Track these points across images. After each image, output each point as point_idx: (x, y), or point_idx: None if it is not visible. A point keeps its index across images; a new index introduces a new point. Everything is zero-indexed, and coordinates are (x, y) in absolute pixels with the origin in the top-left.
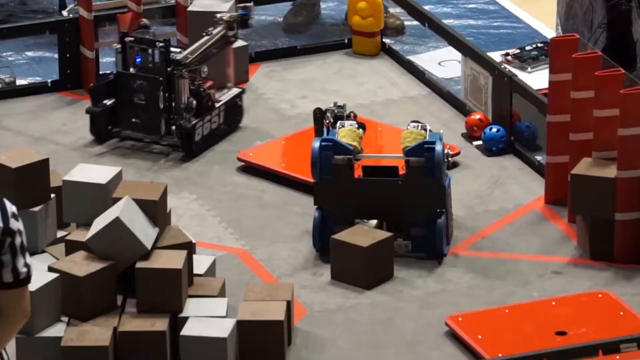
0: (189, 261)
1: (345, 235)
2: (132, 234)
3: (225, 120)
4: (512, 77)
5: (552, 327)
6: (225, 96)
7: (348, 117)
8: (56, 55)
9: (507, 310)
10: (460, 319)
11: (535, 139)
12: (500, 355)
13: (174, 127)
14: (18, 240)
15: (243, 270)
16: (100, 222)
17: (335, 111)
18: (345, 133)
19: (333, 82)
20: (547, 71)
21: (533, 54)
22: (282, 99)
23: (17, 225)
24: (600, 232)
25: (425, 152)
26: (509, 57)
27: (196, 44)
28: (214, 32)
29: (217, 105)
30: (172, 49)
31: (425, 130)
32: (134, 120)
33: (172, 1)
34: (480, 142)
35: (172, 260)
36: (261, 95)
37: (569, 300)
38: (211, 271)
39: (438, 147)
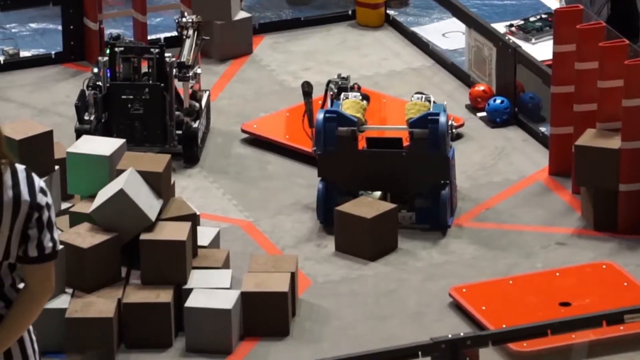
0: (193, 233)
1: (349, 207)
2: (136, 205)
3: (207, 122)
4: (516, 48)
5: (556, 298)
6: (204, 97)
7: (352, 89)
8: (60, 27)
9: (511, 282)
10: (464, 290)
11: (539, 110)
12: (504, 326)
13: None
14: (45, 215)
15: (247, 242)
16: (104, 194)
17: (339, 82)
18: (349, 105)
19: (337, 53)
20: (551, 42)
21: (537, 25)
22: (286, 71)
23: (44, 199)
24: (604, 203)
25: (429, 124)
26: (513, 29)
27: (185, 47)
28: (190, 34)
29: (203, 107)
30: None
31: (429, 101)
32: (131, 132)
33: None
34: (484, 114)
35: (176, 232)
36: (265, 66)
37: (573, 271)
38: (215, 243)
39: (442, 118)
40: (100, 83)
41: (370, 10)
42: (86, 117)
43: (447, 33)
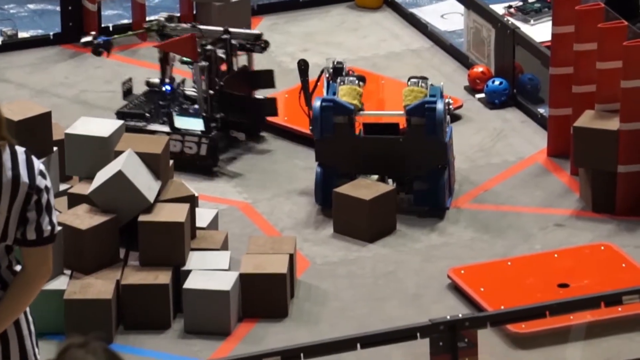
0: (192, 214)
1: (347, 189)
2: (135, 187)
3: None
4: (515, 29)
5: (554, 279)
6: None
7: (347, 74)
8: (58, 8)
9: (509, 263)
10: (462, 271)
11: (538, 92)
12: (502, 307)
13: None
14: (44, 198)
15: (246, 224)
16: (102, 175)
17: (335, 62)
18: (345, 91)
19: (335, 35)
20: (550, 23)
21: (536, 6)
22: (284, 52)
23: (44, 182)
24: (603, 184)
25: (427, 112)
26: (512, 10)
27: (213, 29)
28: (185, 26)
29: None
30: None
31: (426, 85)
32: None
33: None
34: (482, 95)
35: (174, 213)
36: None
37: (571, 252)
38: (214, 224)
39: (439, 105)
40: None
41: None
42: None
43: (446, 14)
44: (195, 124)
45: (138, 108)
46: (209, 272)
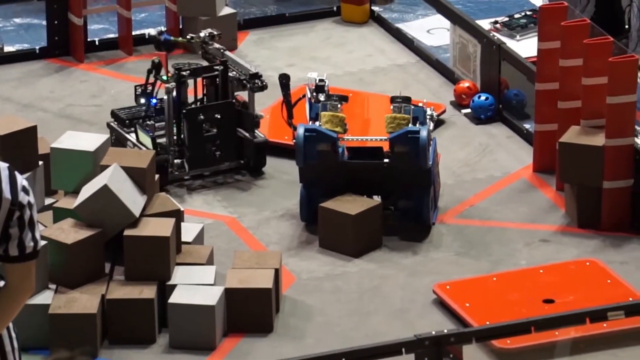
0: (177, 229)
1: (333, 204)
2: (120, 201)
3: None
4: (501, 45)
5: (539, 295)
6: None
7: (329, 95)
8: (44, 22)
9: (494, 278)
10: (447, 287)
11: (524, 107)
12: (487, 323)
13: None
14: (27, 214)
15: (231, 238)
16: (88, 190)
17: (317, 80)
18: (327, 119)
19: (321, 50)
20: (535, 39)
21: (522, 22)
22: (271, 67)
23: (27, 198)
24: (588, 200)
25: (410, 140)
26: (498, 25)
27: (236, 59)
28: (218, 46)
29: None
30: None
31: (409, 109)
32: (206, 154)
33: None
34: (468, 110)
35: (160, 227)
36: (249, 62)
37: (557, 268)
38: (199, 239)
39: (422, 133)
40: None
41: (355, 7)
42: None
43: (432, 30)
44: (147, 142)
45: (129, 115)
46: (194, 286)
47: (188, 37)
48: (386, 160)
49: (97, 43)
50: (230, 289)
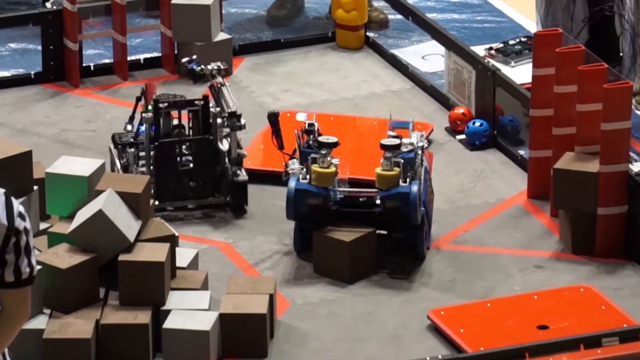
0: (172, 254)
1: (328, 230)
2: (115, 226)
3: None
4: (496, 71)
5: (534, 321)
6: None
7: (319, 144)
8: (39, 47)
9: (489, 304)
10: (442, 312)
11: (518, 133)
12: (482, 349)
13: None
14: (23, 239)
15: (226, 263)
16: (82, 215)
17: (306, 125)
18: (317, 175)
19: (316, 75)
20: (530, 65)
21: (516, 48)
22: (266, 92)
23: (23, 224)
24: (582, 226)
25: (401, 198)
26: (493, 51)
27: (225, 96)
28: (220, 80)
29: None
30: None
31: (397, 151)
32: (180, 188)
33: None
34: (463, 136)
35: (154, 253)
36: (244, 88)
37: (551, 294)
38: (194, 264)
39: (413, 190)
40: (132, 140)
41: (350, 33)
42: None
43: (427, 56)
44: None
45: (125, 140)
46: (189, 311)
47: (198, 68)
48: (378, 209)
49: (92, 68)
50: (224, 314)
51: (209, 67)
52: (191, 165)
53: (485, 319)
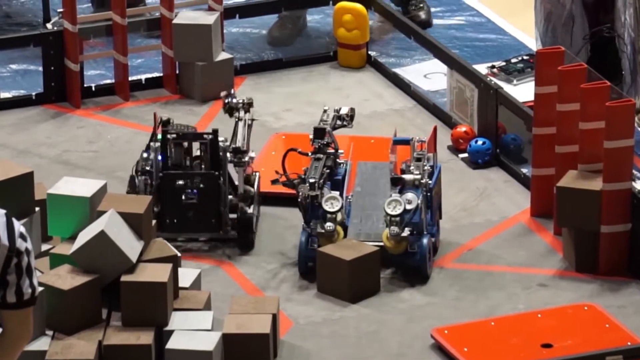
0: (174, 274)
1: (331, 248)
2: (117, 247)
3: (258, 205)
4: (498, 89)
5: (538, 339)
6: (255, 181)
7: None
8: (41, 68)
9: (492, 323)
10: (446, 331)
11: (521, 152)
12: None
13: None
14: (25, 260)
15: (229, 283)
16: (84, 236)
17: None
18: (324, 241)
19: (318, 94)
20: (532, 84)
21: (519, 67)
22: (268, 112)
23: (24, 245)
24: (586, 244)
25: (411, 257)
26: (495, 70)
27: (239, 130)
28: (242, 115)
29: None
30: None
31: (402, 215)
32: (184, 221)
33: (157, 14)
34: (466, 155)
35: (157, 273)
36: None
37: (555, 312)
38: (197, 284)
39: (423, 246)
40: (148, 168)
41: (351, 52)
42: None
43: (429, 74)
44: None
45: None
46: (192, 332)
47: (226, 100)
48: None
49: (93, 89)
50: (227, 335)
51: (234, 100)
52: (195, 200)
53: (489, 337)
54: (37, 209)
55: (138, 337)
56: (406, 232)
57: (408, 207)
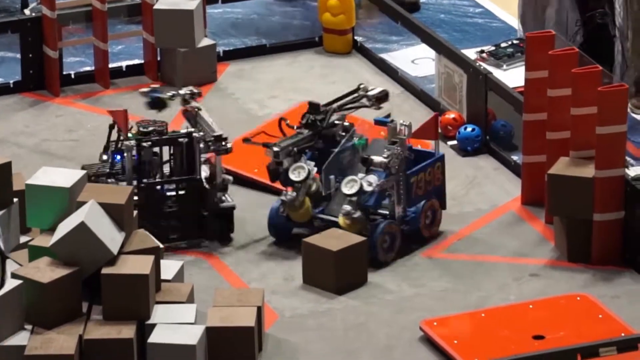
0: (157, 266)
1: (317, 239)
2: (98, 238)
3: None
4: (487, 74)
5: (529, 331)
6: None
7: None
8: (18, 56)
9: (483, 314)
10: (435, 323)
11: (511, 138)
12: None
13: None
14: None
15: (212, 275)
16: (64, 227)
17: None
18: (289, 209)
19: (304, 81)
20: (522, 68)
21: (509, 51)
22: (252, 99)
23: None
24: (578, 233)
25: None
26: (484, 55)
27: (206, 120)
28: (196, 105)
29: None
30: (191, 131)
31: (359, 195)
32: (165, 231)
33: None
34: (454, 142)
35: (138, 265)
36: (230, 95)
37: (547, 303)
38: (179, 276)
39: (376, 231)
40: (107, 170)
41: (337, 37)
42: None
43: (417, 60)
44: None
45: (98, 172)
46: (175, 325)
47: (169, 94)
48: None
49: (73, 76)
50: (211, 328)
51: (181, 92)
52: (174, 207)
53: (480, 329)
54: (15, 200)
55: (119, 331)
56: (357, 214)
57: (367, 188)
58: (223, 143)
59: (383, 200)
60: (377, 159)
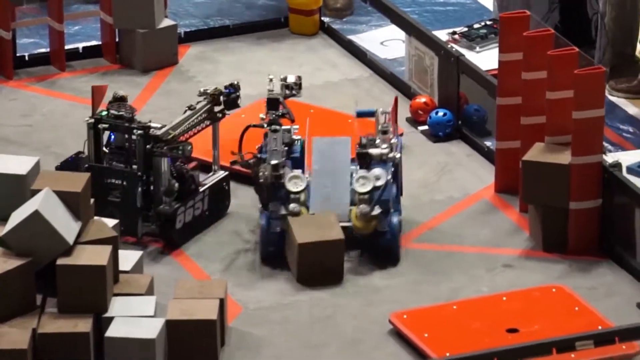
0: (114, 257)
1: (298, 221)
2: (53, 228)
3: (210, 206)
4: (460, 57)
5: (502, 324)
6: (210, 179)
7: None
8: None
9: (454, 307)
10: (405, 316)
11: (485, 123)
12: (447, 354)
13: (150, 214)
14: None
15: (173, 266)
16: (17, 216)
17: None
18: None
19: (268, 64)
20: (496, 51)
21: (482, 33)
22: (214, 82)
23: None
24: (554, 222)
25: (380, 237)
26: (456, 36)
27: (178, 119)
28: (198, 106)
29: (201, 189)
30: (152, 125)
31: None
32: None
33: None
34: (425, 127)
35: (95, 256)
36: (191, 78)
37: (521, 295)
38: (138, 267)
39: (393, 224)
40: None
41: (304, 18)
42: None
43: (386, 41)
44: None
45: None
46: (133, 318)
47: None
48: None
49: (27, 58)
50: (171, 321)
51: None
52: (119, 198)
53: (451, 322)
54: None
55: (75, 325)
56: (376, 211)
57: (377, 183)
58: (160, 145)
59: (392, 191)
60: (375, 151)
